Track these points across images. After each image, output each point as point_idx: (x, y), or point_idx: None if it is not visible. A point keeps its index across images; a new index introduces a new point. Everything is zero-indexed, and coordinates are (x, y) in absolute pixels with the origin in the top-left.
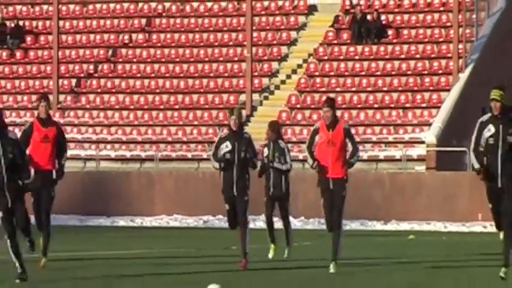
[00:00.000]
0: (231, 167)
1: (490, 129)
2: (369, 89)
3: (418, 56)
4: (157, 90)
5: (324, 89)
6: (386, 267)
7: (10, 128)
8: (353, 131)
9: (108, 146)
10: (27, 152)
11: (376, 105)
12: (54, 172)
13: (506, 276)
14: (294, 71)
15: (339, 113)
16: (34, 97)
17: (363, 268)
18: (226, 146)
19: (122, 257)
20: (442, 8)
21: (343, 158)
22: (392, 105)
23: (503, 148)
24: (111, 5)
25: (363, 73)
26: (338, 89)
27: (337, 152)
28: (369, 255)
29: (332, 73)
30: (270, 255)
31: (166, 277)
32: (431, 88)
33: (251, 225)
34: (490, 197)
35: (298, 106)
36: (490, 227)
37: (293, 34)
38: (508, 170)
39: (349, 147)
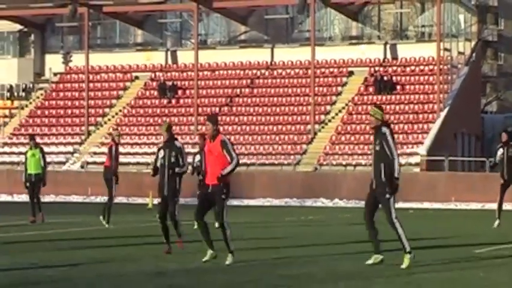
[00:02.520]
0: (162, 171)
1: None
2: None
3: (415, 101)
4: (257, 123)
5: (358, 122)
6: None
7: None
8: (229, 144)
9: None
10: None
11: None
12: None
13: None
14: (340, 111)
15: (367, 136)
16: (183, 127)
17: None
18: (160, 154)
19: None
20: (430, 72)
21: (220, 167)
22: (399, 131)
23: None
24: (229, 71)
25: None
26: (367, 122)
27: (214, 160)
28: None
29: (363, 112)
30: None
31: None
32: (423, 121)
33: None
34: None
35: (343, 132)
36: (459, 206)
37: (339, 88)
38: None
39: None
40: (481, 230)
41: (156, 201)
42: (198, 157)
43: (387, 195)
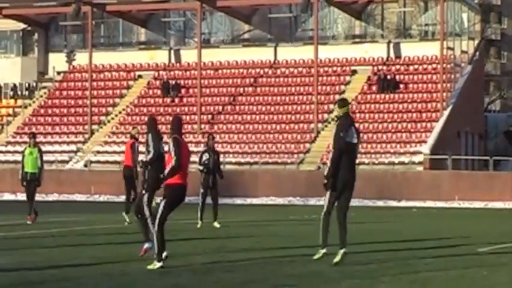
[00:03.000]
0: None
1: None
2: (389, 120)
3: (418, 100)
4: (260, 121)
5: (361, 121)
6: (398, 226)
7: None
8: (172, 147)
9: (230, 155)
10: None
11: (393, 130)
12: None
13: None
14: None
15: (370, 135)
16: (186, 126)
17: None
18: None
19: (236, 224)
20: (433, 71)
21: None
22: (402, 130)
23: None
24: (232, 70)
25: (385, 111)
26: (370, 121)
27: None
28: (388, 225)
29: (366, 111)
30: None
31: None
32: (426, 120)
33: None
34: None
35: None
36: (463, 204)
37: (342, 87)
38: None
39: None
40: (484, 229)
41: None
42: (206, 155)
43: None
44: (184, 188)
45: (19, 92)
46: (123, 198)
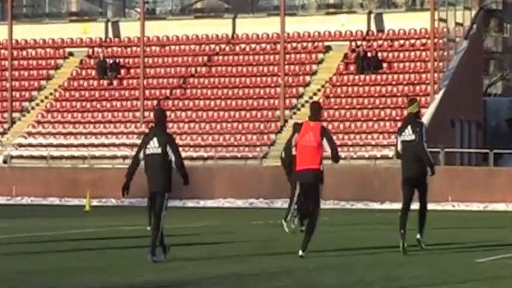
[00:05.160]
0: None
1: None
2: (369, 106)
3: (404, 82)
4: (215, 108)
5: (336, 107)
6: (386, 233)
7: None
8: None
9: (180, 149)
10: None
11: (374, 118)
12: None
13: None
14: (315, 94)
15: (347, 123)
16: (126, 114)
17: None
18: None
19: (188, 230)
20: (422, 48)
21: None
22: (386, 118)
23: None
24: (182, 47)
25: (365, 95)
26: (347, 107)
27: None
28: (370, 227)
29: (342, 95)
30: None
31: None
32: None
33: None
34: None
35: None
36: (457, 206)
37: (314, 67)
38: None
39: None
40: (483, 236)
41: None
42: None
43: None
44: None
45: None
46: (50, 200)
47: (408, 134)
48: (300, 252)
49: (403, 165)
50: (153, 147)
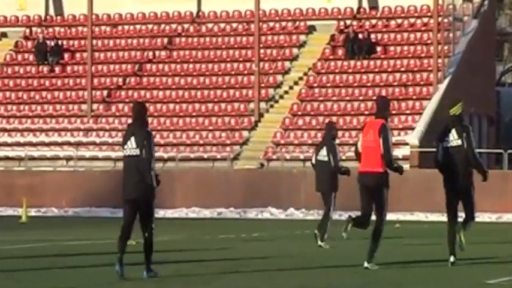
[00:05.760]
0: None
1: None
2: (361, 98)
3: (402, 69)
4: (177, 100)
5: (321, 98)
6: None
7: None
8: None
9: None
10: None
11: (366, 112)
12: None
13: None
14: (296, 83)
15: (334, 118)
16: (71, 106)
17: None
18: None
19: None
20: (423, 28)
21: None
22: None
23: None
24: (137, 26)
25: (355, 84)
26: (334, 98)
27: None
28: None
29: (328, 84)
30: None
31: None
32: (414, 97)
33: None
34: None
35: (300, 113)
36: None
37: (295, 51)
38: None
39: None
40: (495, 252)
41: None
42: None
43: None
44: None
45: None
46: None
47: (453, 139)
48: (366, 264)
49: (446, 174)
50: (131, 148)
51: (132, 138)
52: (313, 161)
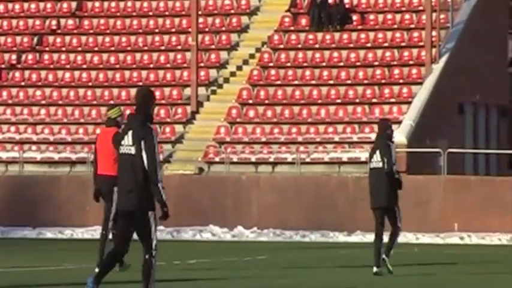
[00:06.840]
0: None
1: None
2: (331, 82)
3: (386, 44)
4: (90, 83)
5: (279, 82)
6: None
7: None
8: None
9: (34, 147)
10: None
11: (338, 101)
12: None
13: None
14: (246, 62)
15: (296, 108)
16: None
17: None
18: None
19: (50, 273)
20: None
21: None
22: (357, 101)
23: None
24: (25, 4)
25: (324, 64)
26: (296, 82)
27: None
28: (331, 271)
29: (289, 64)
30: None
31: None
32: (401, 81)
33: None
34: None
35: (251, 101)
36: (468, 239)
37: (244, 19)
38: None
39: None
40: (507, 286)
41: None
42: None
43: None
44: None
45: None
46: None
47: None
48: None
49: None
50: (127, 145)
51: (130, 133)
52: (368, 169)
